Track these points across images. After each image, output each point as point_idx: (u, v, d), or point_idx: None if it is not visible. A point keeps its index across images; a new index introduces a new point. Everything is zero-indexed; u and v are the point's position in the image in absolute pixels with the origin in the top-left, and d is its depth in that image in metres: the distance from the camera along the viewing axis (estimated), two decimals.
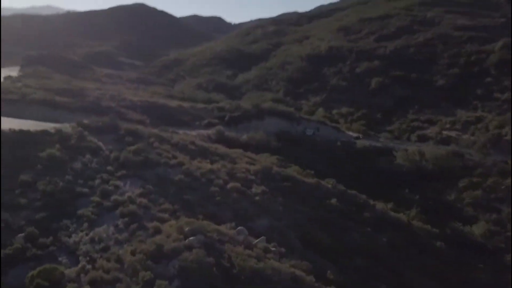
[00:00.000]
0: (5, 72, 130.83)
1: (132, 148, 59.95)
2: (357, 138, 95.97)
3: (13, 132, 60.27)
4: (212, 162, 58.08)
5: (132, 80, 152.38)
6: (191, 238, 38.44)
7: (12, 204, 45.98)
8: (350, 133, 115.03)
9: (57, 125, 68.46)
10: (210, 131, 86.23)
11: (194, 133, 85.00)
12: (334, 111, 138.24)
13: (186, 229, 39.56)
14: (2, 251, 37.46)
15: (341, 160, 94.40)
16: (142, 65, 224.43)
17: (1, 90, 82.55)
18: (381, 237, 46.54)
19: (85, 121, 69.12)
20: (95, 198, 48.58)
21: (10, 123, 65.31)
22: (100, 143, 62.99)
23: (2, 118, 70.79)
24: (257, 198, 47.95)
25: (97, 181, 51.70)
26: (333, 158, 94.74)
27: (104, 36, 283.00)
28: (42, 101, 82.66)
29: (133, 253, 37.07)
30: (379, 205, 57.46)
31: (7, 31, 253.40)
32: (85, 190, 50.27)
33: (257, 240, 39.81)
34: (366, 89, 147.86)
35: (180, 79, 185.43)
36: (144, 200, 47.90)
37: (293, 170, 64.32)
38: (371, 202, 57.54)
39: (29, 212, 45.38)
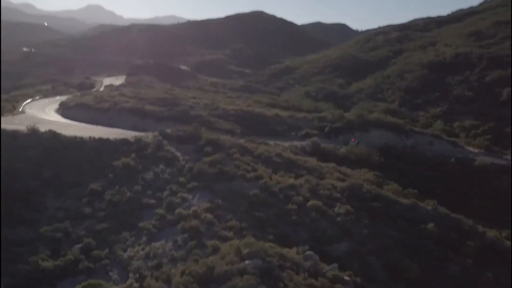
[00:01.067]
0: (112, 80, 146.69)
1: (208, 159, 60.23)
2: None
3: (92, 140, 65.27)
4: (296, 177, 55.35)
5: (236, 89, 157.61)
6: (247, 261, 36.15)
7: (77, 213, 49.11)
8: (470, 148, 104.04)
9: (140, 134, 72.54)
10: (305, 143, 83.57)
11: (286, 144, 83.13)
12: (455, 124, 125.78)
13: (244, 251, 37.38)
14: (54, 262, 39.49)
15: (452, 179, 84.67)
16: (252, 73, 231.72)
17: (96, 99, 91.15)
18: (486, 272, 39.00)
19: (168, 130, 71.64)
20: (160, 211, 49.37)
21: (93, 131, 71.47)
22: (178, 153, 64.73)
23: (90, 125, 78.10)
24: (339, 219, 44.04)
25: (165, 193, 52.70)
26: (443, 176, 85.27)
27: (217, 45, 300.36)
28: (131, 110, 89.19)
29: (183, 273, 36.00)
30: (491, 233, 48.98)
31: (122, 42, 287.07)
32: (152, 201, 51.55)
33: (327, 268, 36.01)
34: (495, 100, 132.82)
35: (289, 87, 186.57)
36: (209, 216, 47.17)
37: (389, 189, 58.33)
38: (481, 229, 49.08)
39: (91, 222, 47.77)
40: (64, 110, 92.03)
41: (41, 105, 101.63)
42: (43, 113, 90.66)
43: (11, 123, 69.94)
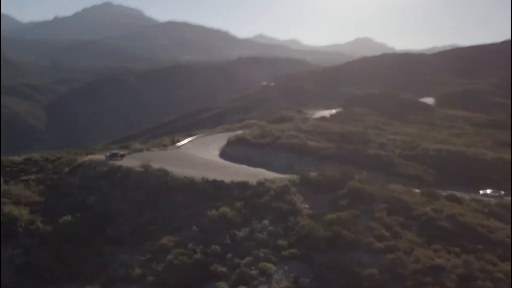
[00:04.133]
0: (326, 113, 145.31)
1: (330, 217, 50.25)
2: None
3: (204, 181, 62.69)
4: (457, 254, 41.71)
5: (481, 124, 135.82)
6: None
7: (127, 275, 46.16)
8: None
9: (274, 176, 67.30)
10: None
11: (492, 200, 64.38)
12: None
13: None
14: None
15: None
16: None
17: (260, 134, 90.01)
18: None
19: (313, 173, 64.24)
20: (223, 285, 42.29)
21: (225, 170, 69.86)
22: (303, 205, 56.99)
23: (233, 163, 76.86)
24: None
25: (246, 259, 45.48)
26: None
27: (479, 73, 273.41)
28: (289, 146, 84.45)
29: None
30: None
31: (364, 72, 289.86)
32: (222, 269, 45.22)
33: None
34: None
35: None
36: None
37: None
38: None
39: (136, 287, 44.47)
40: (226, 146, 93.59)
41: (209, 140, 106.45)
42: (200, 149, 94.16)
43: (139, 159, 73.78)
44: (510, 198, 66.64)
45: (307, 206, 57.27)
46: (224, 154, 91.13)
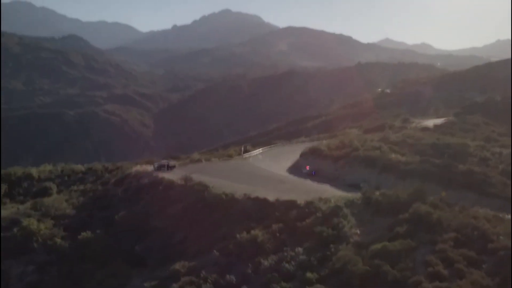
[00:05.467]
0: (432, 122, 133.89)
1: (375, 247, 44.00)
2: None
3: (246, 199, 58.49)
4: None
5: None
6: None
7: None
8: None
9: (339, 194, 61.62)
10: None
11: None
12: None
13: None
14: None
15: None
16: None
17: (338, 144, 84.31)
18: None
19: (377, 192, 57.71)
20: None
21: (283, 186, 65.10)
22: (354, 230, 50.68)
23: (289, 177, 71.67)
24: None
25: None
26: None
27: None
28: (366, 159, 76.79)
29: None
30: None
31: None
32: None
33: None
34: None
35: None
36: None
37: None
38: None
39: None
40: (299, 158, 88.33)
41: (286, 150, 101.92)
42: (270, 161, 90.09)
43: (191, 170, 72.04)
44: None
45: (358, 232, 50.52)
46: (294, 167, 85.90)
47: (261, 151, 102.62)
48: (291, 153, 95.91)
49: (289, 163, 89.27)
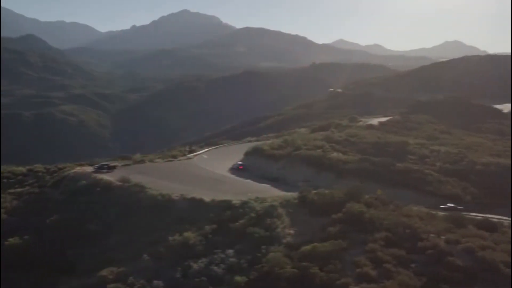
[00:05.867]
0: (377, 120, 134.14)
1: (305, 249, 42.38)
2: None
3: (182, 200, 56.24)
4: None
5: None
6: None
7: None
8: None
9: (277, 194, 60.03)
10: None
11: None
12: None
13: None
14: None
15: None
16: None
17: (280, 144, 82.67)
18: None
19: (314, 192, 56.36)
20: None
21: (223, 186, 63.07)
22: (288, 231, 49.13)
23: (231, 177, 69.80)
24: None
25: None
26: None
27: None
28: (307, 159, 75.65)
29: None
30: None
31: (441, 77, 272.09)
32: None
33: None
34: None
35: None
36: None
37: None
38: None
39: None
40: (243, 158, 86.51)
41: (231, 150, 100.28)
42: (214, 161, 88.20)
43: (132, 171, 69.22)
44: None
45: (292, 232, 49.00)
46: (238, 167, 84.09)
47: (207, 151, 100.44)
48: (236, 152, 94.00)
49: (232, 162, 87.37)
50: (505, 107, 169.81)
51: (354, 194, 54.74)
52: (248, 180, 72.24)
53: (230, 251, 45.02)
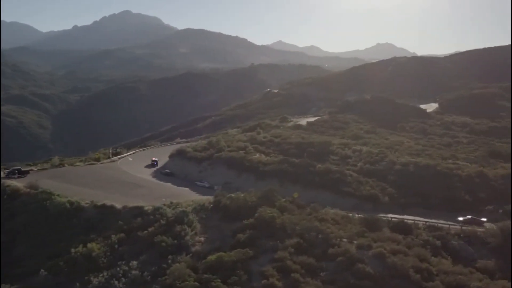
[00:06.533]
0: (306, 120, 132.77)
1: (210, 258, 38.95)
2: None
3: (91, 207, 51.86)
4: None
5: (478, 131, 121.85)
6: None
7: None
8: None
9: (193, 198, 56.53)
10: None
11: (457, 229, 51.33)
12: None
13: None
14: None
15: None
16: None
17: (205, 145, 79.39)
18: None
19: (226, 196, 52.94)
20: None
21: (128, 192, 58.25)
22: (195, 239, 45.78)
23: (150, 180, 65.63)
24: None
25: None
26: None
27: (492, 77, 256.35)
28: (228, 161, 72.56)
29: None
30: None
31: (371, 77, 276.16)
32: None
33: None
34: None
35: None
36: None
37: None
38: None
39: None
40: (168, 160, 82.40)
41: (158, 153, 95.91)
42: (138, 164, 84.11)
43: (47, 176, 64.13)
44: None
45: (202, 239, 45.60)
46: (161, 170, 79.90)
47: (133, 153, 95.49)
48: (162, 154, 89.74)
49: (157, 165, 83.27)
50: (429, 107, 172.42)
51: (268, 198, 51.93)
52: (168, 184, 68.36)
53: (134, 263, 41.15)
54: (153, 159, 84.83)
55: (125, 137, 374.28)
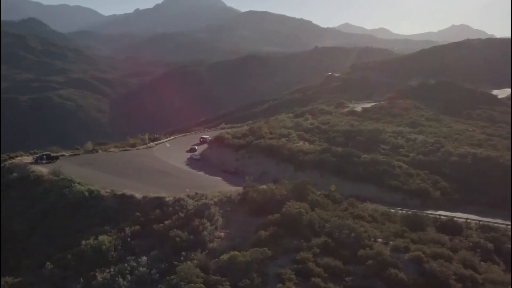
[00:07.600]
0: (363, 106, 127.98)
1: (223, 258, 36.56)
2: None
3: (110, 196, 50.39)
4: None
5: None
6: None
7: None
8: None
9: (227, 189, 54.23)
10: None
11: None
12: None
13: None
14: None
15: None
16: None
17: (246, 132, 77.07)
18: None
19: (253, 188, 50.51)
20: None
21: (155, 182, 56.97)
22: (215, 234, 43.28)
23: (180, 169, 63.96)
24: None
25: None
26: None
27: None
28: (268, 149, 69.50)
29: None
30: None
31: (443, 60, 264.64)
32: None
33: None
34: None
35: None
36: None
37: None
38: None
39: None
40: (207, 148, 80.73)
41: (193, 139, 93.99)
42: (174, 151, 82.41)
43: (77, 162, 63.15)
44: None
45: (222, 235, 43.12)
46: (194, 156, 78.29)
47: (172, 139, 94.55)
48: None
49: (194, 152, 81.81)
50: (502, 92, 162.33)
51: (299, 191, 48.75)
52: (201, 173, 66.42)
53: (144, 259, 39.18)
54: (194, 145, 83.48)
55: (183, 121, 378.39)
